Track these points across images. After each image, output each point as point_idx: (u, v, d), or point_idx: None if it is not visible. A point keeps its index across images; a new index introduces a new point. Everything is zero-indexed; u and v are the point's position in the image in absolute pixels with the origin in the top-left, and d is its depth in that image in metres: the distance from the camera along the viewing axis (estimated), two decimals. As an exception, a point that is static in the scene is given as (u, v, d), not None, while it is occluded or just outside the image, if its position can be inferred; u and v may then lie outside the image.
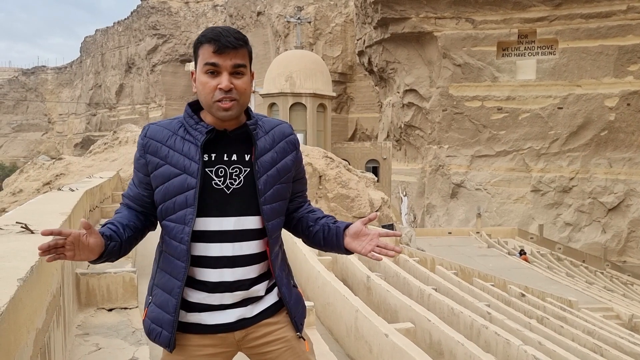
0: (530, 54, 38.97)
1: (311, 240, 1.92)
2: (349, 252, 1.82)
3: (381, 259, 1.76)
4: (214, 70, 1.67)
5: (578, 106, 37.14)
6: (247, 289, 1.78)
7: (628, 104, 35.89)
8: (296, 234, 1.97)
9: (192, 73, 1.75)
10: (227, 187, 1.73)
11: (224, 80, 1.66)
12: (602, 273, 30.49)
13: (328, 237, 1.85)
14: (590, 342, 9.92)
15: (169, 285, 1.74)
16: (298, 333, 1.87)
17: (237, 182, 1.73)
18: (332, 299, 6.09)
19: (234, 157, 1.75)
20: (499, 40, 39.06)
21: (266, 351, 1.83)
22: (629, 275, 32.49)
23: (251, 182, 1.75)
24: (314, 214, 1.94)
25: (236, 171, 1.74)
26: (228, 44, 1.65)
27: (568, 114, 37.41)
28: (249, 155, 1.76)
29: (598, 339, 10.67)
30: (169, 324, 1.73)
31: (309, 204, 2.02)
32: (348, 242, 1.80)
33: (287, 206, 1.88)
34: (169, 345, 1.74)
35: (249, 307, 1.79)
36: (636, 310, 18.82)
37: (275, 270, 1.83)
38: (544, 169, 38.37)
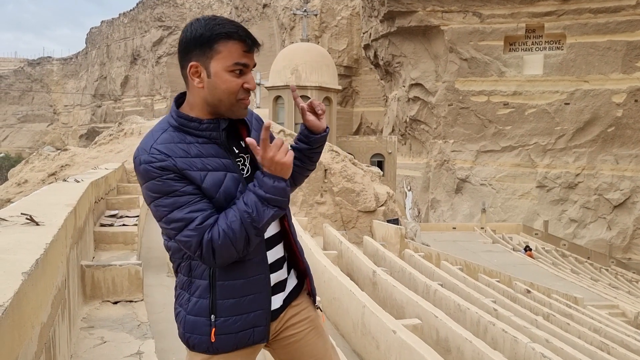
0: (537, 49, 38.68)
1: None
2: (312, 134, 1.81)
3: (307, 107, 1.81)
4: (241, 70, 1.62)
5: (585, 102, 36.89)
6: (280, 269, 1.80)
7: (635, 100, 35.63)
8: None
9: (194, 66, 1.61)
10: None
11: (251, 80, 1.65)
12: (607, 270, 30.35)
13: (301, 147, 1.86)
14: (597, 340, 9.86)
15: (249, 287, 1.69)
16: (315, 304, 1.93)
17: (245, 170, 1.72)
18: (339, 294, 6.05)
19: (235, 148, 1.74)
20: (506, 35, 38.80)
21: (293, 333, 1.85)
22: (633, 273, 32.37)
23: (255, 168, 1.73)
24: None
25: (241, 160, 1.72)
26: (255, 43, 1.64)
27: (575, 109, 37.17)
28: (244, 143, 1.75)
29: (605, 337, 10.61)
30: (261, 317, 1.71)
31: None
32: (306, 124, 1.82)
33: None
34: (266, 337, 1.74)
35: (278, 295, 1.79)
36: (642, 307, 18.72)
37: (296, 240, 1.86)
38: (549, 164, 38.18)
